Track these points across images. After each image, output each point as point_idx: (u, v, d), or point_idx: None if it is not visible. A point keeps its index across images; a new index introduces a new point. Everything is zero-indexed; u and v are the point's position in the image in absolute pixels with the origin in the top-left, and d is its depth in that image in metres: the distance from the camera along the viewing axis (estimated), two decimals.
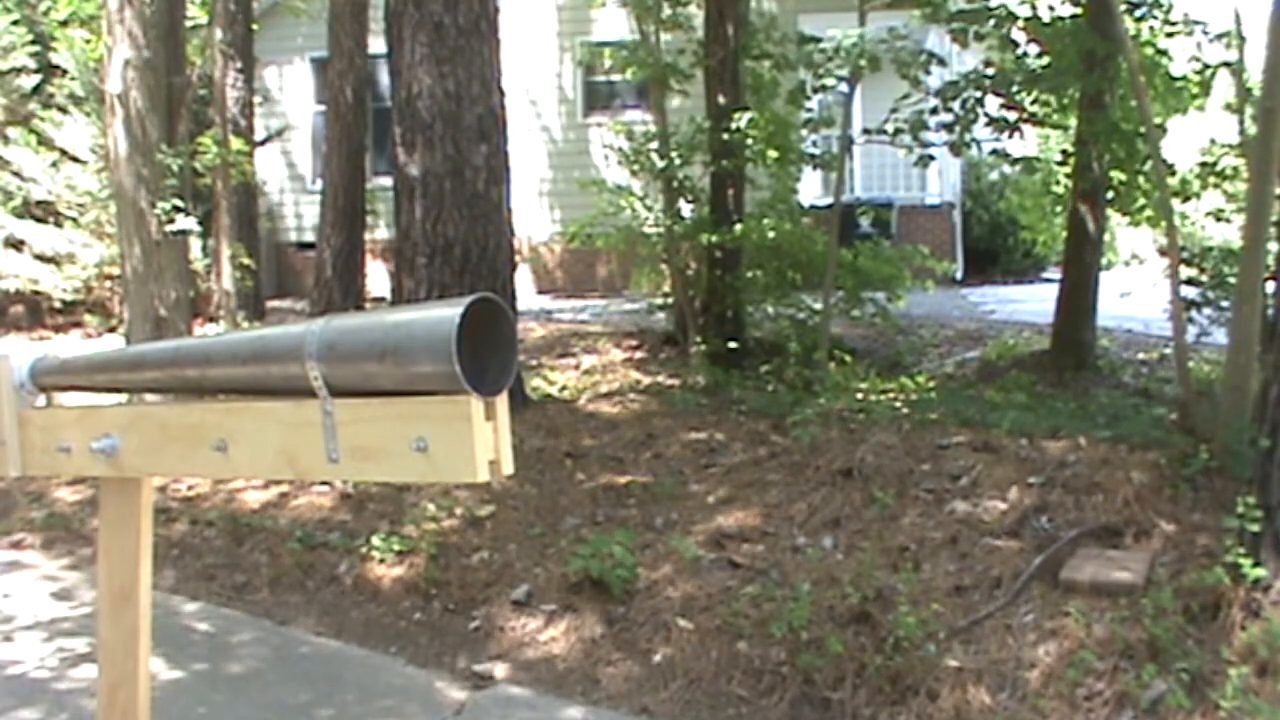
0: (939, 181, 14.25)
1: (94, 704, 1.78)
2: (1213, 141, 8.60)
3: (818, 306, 8.78)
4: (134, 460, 1.51)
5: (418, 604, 4.85)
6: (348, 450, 1.26)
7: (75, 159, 12.49)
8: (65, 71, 12.61)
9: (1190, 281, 7.05)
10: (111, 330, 11.79)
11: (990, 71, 8.67)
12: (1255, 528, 4.11)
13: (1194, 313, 7.00)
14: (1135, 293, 8.56)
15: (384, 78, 9.56)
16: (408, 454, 1.19)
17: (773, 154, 8.98)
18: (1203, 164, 8.59)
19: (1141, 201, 8.77)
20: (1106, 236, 11.20)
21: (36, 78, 13.00)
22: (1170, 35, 8.79)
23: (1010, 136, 8.84)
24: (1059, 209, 9.86)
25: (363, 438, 1.25)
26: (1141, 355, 9.08)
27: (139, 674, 1.73)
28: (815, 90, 8.71)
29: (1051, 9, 8.87)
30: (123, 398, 3.19)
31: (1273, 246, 6.36)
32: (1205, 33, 8.41)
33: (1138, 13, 8.45)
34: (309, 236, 13.51)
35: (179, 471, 2.29)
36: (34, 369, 1.64)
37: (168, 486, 6.09)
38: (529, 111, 14.20)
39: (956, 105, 8.21)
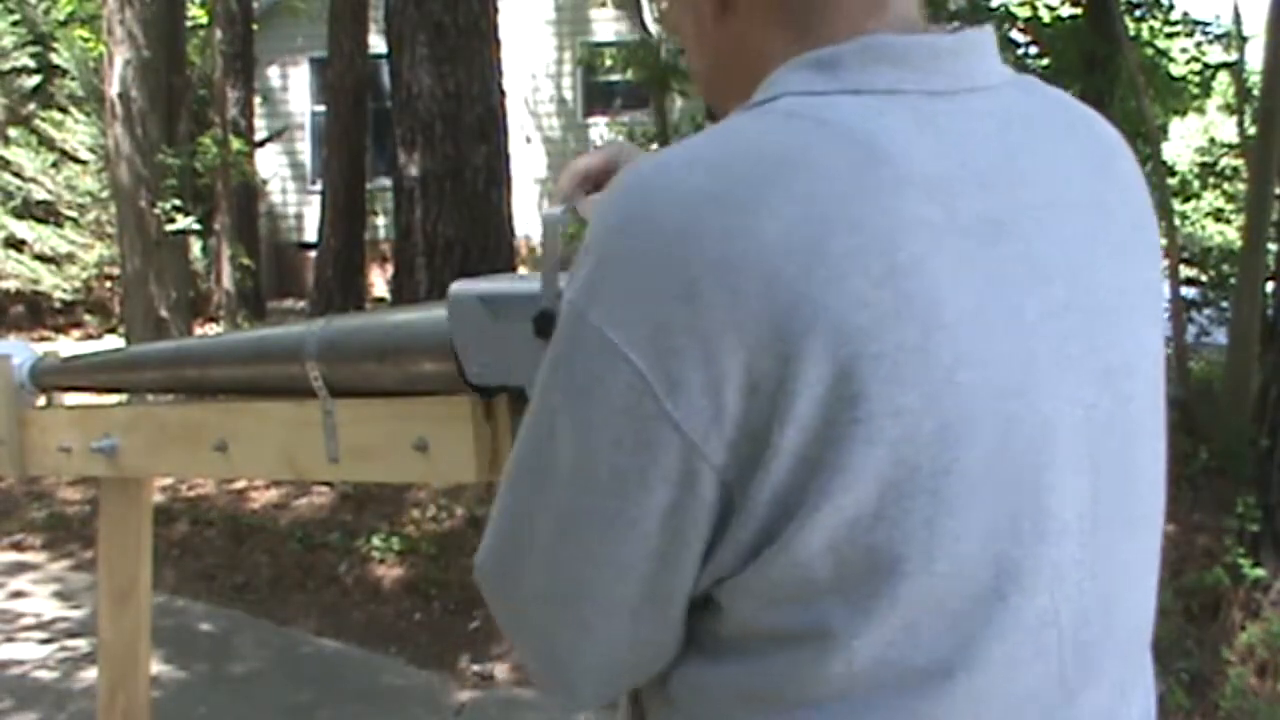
0: None
1: (94, 705, 1.78)
2: (1213, 141, 8.61)
3: None
4: (134, 460, 1.51)
5: (418, 604, 4.85)
6: (348, 450, 1.25)
7: (75, 159, 12.49)
8: (65, 71, 12.60)
9: (1190, 281, 7.06)
10: (111, 330, 11.78)
11: None
12: (1255, 527, 4.11)
13: (1194, 313, 7.00)
14: None
15: (384, 78, 9.56)
16: (408, 454, 1.19)
17: None
18: (1203, 164, 8.59)
19: None
20: None
21: (37, 78, 12.99)
22: (1170, 35, 8.80)
23: None
24: None
25: (363, 438, 1.24)
26: None
27: (139, 675, 1.73)
28: None
29: (1051, 9, 8.88)
30: (124, 398, 3.19)
31: (1273, 246, 6.37)
32: (1205, 33, 8.42)
33: (1138, 13, 8.45)
34: (309, 236, 13.50)
35: (179, 472, 2.29)
36: (35, 369, 1.64)
37: (175, 487, 6.09)
38: (529, 111, 14.20)
39: None
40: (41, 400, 1.69)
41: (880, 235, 0.66)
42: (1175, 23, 8.57)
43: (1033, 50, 8.61)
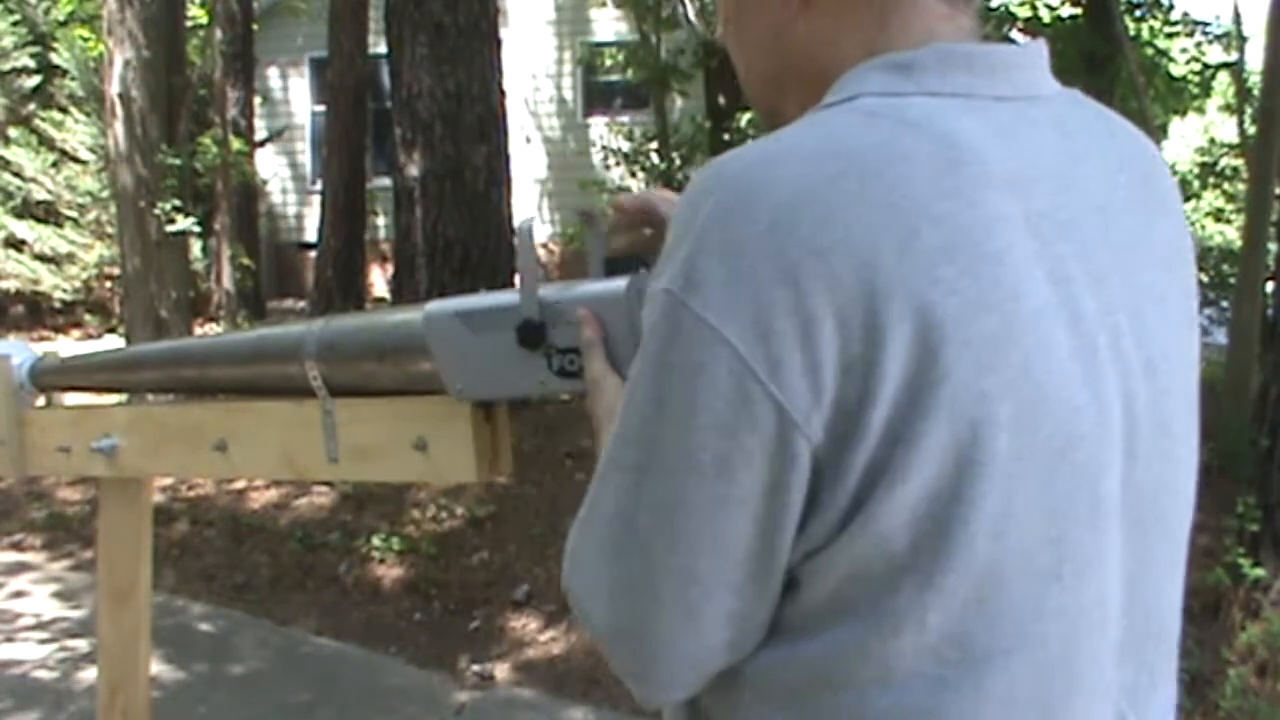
0: None
1: (94, 704, 1.78)
2: (1213, 141, 8.62)
3: None
4: (134, 460, 1.51)
5: (418, 604, 4.85)
6: (347, 450, 1.26)
7: (75, 159, 12.49)
8: (65, 71, 12.60)
9: None
10: (111, 330, 11.78)
11: None
12: (1255, 527, 4.11)
13: None
14: None
15: (384, 78, 9.56)
16: (407, 453, 1.19)
17: None
18: (1203, 164, 8.60)
19: None
20: None
21: (37, 78, 12.99)
22: (1170, 35, 8.80)
23: None
24: None
25: (362, 437, 1.25)
26: None
27: (139, 674, 1.73)
28: None
29: (1051, 9, 8.89)
30: (123, 398, 3.19)
31: (1273, 246, 6.38)
32: (1205, 33, 8.43)
33: (1138, 13, 8.46)
34: (309, 236, 13.50)
35: (179, 472, 2.29)
36: (34, 369, 1.64)
37: (175, 487, 6.09)
38: (529, 111, 14.20)
39: None
40: (41, 400, 1.69)
41: (966, 229, 0.71)
42: (1175, 23, 8.59)
43: None
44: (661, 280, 0.73)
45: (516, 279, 1.06)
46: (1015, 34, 8.57)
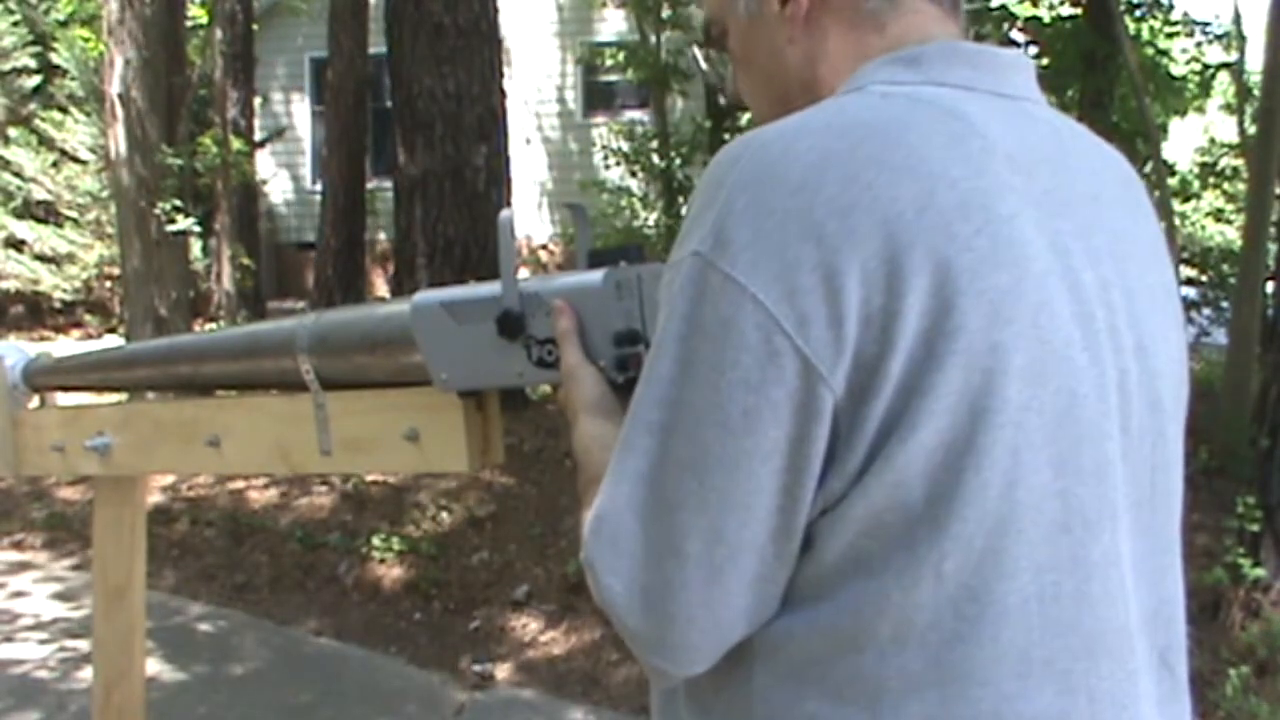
0: None
1: None
2: (1213, 141, 8.62)
3: None
4: (127, 458, 1.51)
5: (418, 604, 4.85)
6: (340, 442, 1.26)
7: (75, 159, 12.48)
8: (65, 71, 12.60)
9: (1190, 281, 7.05)
10: (111, 330, 11.78)
11: None
12: (1255, 528, 4.11)
13: (1194, 313, 6.99)
14: None
15: (384, 78, 9.55)
16: (399, 444, 1.20)
17: None
18: (1203, 164, 8.59)
19: None
20: None
21: (37, 78, 12.98)
22: (1170, 35, 8.79)
23: None
24: None
25: (355, 429, 1.25)
26: None
27: (134, 672, 1.73)
28: None
29: (1052, 9, 8.88)
30: (117, 396, 3.18)
31: (1273, 246, 6.37)
32: (1205, 33, 8.43)
33: (1138, 13, 8.45)
34: (309, 236, 13.48)
35: (172, 468, 2.29)
36: (27, 370, 1.64)
37: (175, 487, 6.09)
38: (529, 111, 14.19)
39: None
40: (35, 402, 1.69)
41: (978, 192, 0.75)
42: (1175, 23, 8.57)
43: (1033, 50, 8.62)
44: (689, 244, 0.76)
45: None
46: (1015, 34, 8.56)
